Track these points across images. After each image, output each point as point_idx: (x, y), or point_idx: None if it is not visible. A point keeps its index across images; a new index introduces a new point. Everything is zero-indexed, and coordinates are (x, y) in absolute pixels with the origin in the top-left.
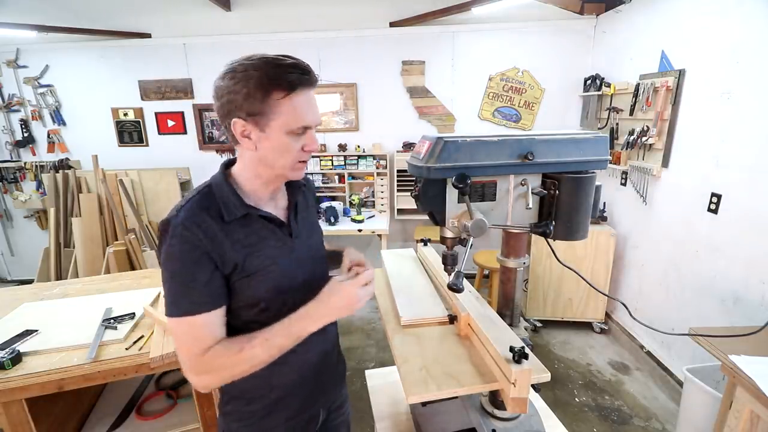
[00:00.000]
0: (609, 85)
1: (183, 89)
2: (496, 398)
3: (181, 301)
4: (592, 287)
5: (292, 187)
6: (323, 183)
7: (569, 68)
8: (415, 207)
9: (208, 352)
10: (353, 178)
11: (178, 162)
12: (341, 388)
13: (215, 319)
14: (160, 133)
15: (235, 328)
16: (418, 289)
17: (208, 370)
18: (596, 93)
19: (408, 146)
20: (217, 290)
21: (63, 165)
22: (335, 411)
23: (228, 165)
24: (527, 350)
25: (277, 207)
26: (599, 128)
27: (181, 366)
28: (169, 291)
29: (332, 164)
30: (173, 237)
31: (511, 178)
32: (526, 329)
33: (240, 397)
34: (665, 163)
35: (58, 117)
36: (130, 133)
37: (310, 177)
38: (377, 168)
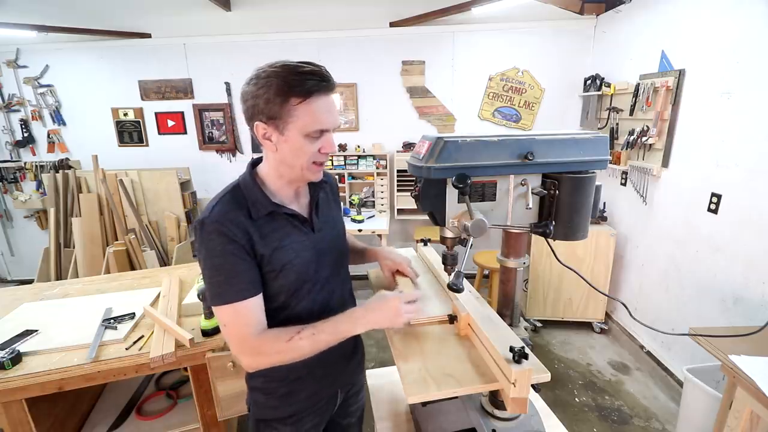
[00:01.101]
0: (609, 85)
1: (183, 89)
2: (496, 398)
3: (226, 290)
4: (592, 287)
5: (313, 184)
6: None
7: (569, 68)
8: (415, 207)
9: (261, 335)
10: (353, 178)
11: (178, 162)
12: (359, 374)
13: (258, 304)
14: (160, 133)
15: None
16: (423, 287)
17: (261, 352)
18: (596, 93)
19: (408, 146)
20: (256, 278)
21: (63, 165)
22: (353, 396)
23: (254, 164)
24: (527, 350)
25: (300, 204)
26: (599, 128)
27: (232, 349)
28: (213, 283)
29: (332, 164)
30: (211, 233)
31: (511, 178)
32: (526, 329)
33: (265, 375)
34: (665, 163)
35: (58, 117)
36: (130, 133)
37: (332, 175)
38: (377, 168)
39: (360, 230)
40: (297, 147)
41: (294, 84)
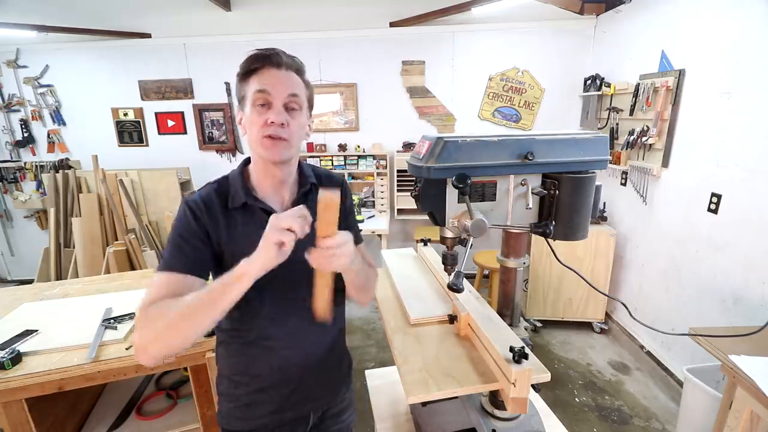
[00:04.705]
0: (609, 85)
1: (183, 89)
2: (496, 398)
3: (167, 258)
4: (592, 287)
5: (302, 184)
6: None
7: (569, 68)
8: (415, 207)
9: (154, 304)
10: (353, 178)
11: (178, 162)
12: (339, 395)
13: (186, 284)
14: (160, 133)
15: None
16: (423, 287)
17: (144, 324)
18: (596, 93)
19: (408, 146)
20: (202, 261)
21: (63, 165)
22: (332, 418)
23: (249, 161)
24: (527, 350)
25: (282, 201)
26: (599, 128)
27: None
28: (164, 253)
29: (332, 164)
30: (184, 207)
31: (511, 178)
32: (526, 329)
33: (228, 377)
34: (665, 163)
35: (58, 117)
36: (130, 133)
37: (341, 179)
38: (377, 168)
39: (360, 230)
40: (250, 120)
41: (248, 62)
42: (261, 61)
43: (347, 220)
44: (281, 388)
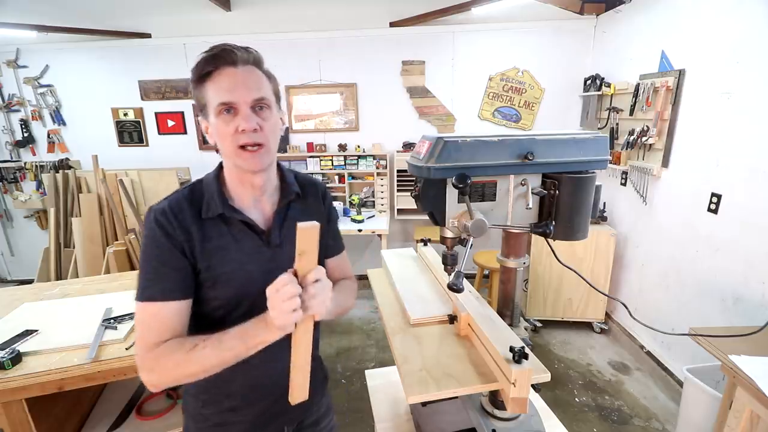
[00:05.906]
0: (609, 85)
1: (183, 89)
2: (496, 398)
3: (148, 285)
4: (592, 287)
5: (284, 193)
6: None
7: (569, 68)
8: (415, 207)
9: (159, 347)
10: (353, 178)
11: (178, 162)
12: (314, 404)
13: (178, 311)
14: (160, 133)
15: (195, 329)
16: (423, 287)
17: (154, 367)
18: (596, 93)
19: (408, 146)
20: (185, 281)
21: (63, 165)
22: (309, 427)
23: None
24: (527, 350)
25: (261, 212)
26: (599, 128)
27: (135, 356)
28: (140, 275)
29: (332, 164)
30: (152, 223)
31: (511, 178)
32: (526, 329)
33: (196, 396)
34: (665, 163)
35: (58, 117)
36: (130, 133)
37: (322, 186)
38: (377, 168)
39: (360, 230)
40: (218, 131)
41: (199, 67)
42: (214, 63)
43: (330, 228)
44: (254, 406)
